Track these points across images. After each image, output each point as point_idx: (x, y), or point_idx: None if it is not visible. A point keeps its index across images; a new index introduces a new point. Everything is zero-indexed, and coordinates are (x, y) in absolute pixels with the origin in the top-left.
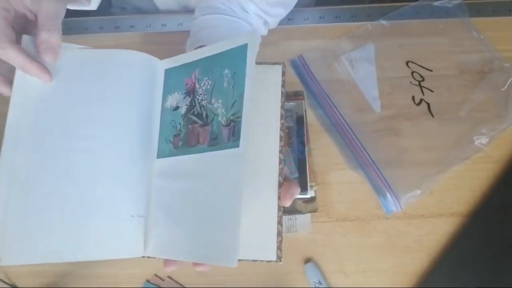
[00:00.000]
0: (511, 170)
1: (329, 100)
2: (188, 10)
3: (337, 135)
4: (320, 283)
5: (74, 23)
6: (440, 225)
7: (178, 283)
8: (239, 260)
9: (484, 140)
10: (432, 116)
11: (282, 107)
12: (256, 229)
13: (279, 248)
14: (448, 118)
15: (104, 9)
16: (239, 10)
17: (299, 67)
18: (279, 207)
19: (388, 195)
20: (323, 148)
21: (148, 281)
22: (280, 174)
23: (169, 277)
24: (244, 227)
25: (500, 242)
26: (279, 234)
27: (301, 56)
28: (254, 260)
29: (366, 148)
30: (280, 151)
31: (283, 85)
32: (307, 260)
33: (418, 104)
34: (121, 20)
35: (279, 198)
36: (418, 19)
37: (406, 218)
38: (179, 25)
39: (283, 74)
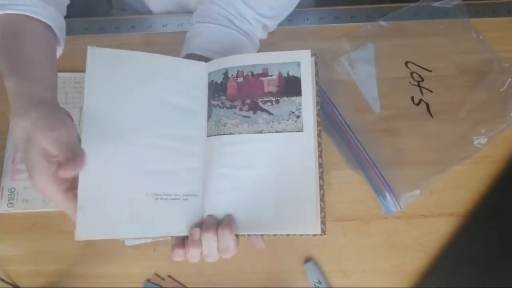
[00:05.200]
0: (510, 170)
1: (328, 100)
2: (186, 11)
3: (336, 135)
4: (320, 282)
5: (75, 24)
6: (439, 225)
7: (178, 282)
8: (287, 235)
9: (483, 140)
10: (431, 116)
11: (317, 94)
12: (301, 207)
13: (322, 222)
14: (447, 119)
15: (104, 10)
16: (236, 16)
17: None
18: (320, 186)
19: (388, 195)
20: (322, 148)
21: (148, 280)
22: (319, 156)
23: (169, 276)
24: (290, 205)
25: (498, 242)
26: (322, 210)
27: None
28: (301, 235)
29: (366, 148)
30: (318, 135)
31: (316, 74)
32: (307, 260)
33: (417, 104)
34: (121, 20)
35: (320, 178)
36: (418, 20)
37: (406, 218)
38: (179, 25)
39: (316, 64)
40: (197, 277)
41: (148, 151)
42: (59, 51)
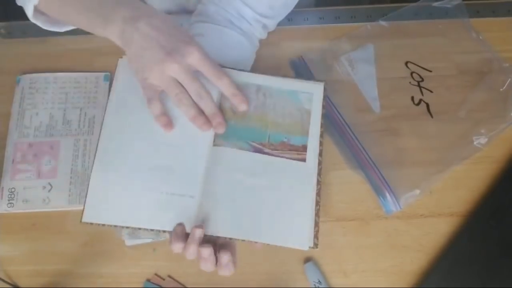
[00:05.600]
0: (510, 170)
1: (328, 100)
2: (186, 11)
3: (336, 135)
4: (320, 282)
5: None
6: (439, 225)
7: (178, 282)
8: (281, 246)
9: (483, 140)
10: (431, 116)
11: (322, 116)
12: (297, 222)
13: (316, 236)
14: (447, 118)
15: None
16: (236, 16)
17: (299, 67)
18: (317, 202)
19: (388, 195)
20: (322, 148)
21: (148, 280)
22: (318, 174)
23: (169, 276)
24: (287, 219)
25: (498, 242)
26: (316, 224)
27: (301, 56)
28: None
29: (366, 148)
30: (319, 154)
31: (323, 105)
32: (307, 260)
33: (417, 104)
34: None
35: (317, 194)
36: (418, 20)
37: (406, 218)
38: (179, 25)
39: (325, 89)
40: (197, 277)
41: (157, 147)
42: None
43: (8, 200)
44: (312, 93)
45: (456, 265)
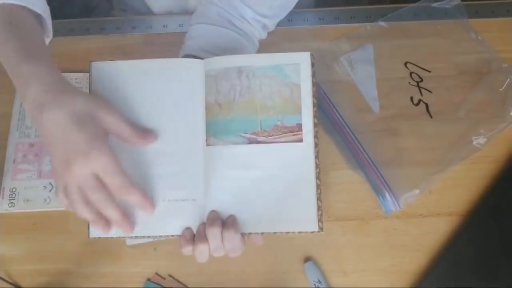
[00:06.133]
0: (509, 169)
1: (328, 100)
2: (187, 12)
3: (336, 135)
4: (319, 282)
5: (76, 24)
6: (438, 225)
7: (179, 282)
8: (287, 232)
9: (482, 140)
10: (431, 116)
11: (313, 86)
12: (300, 206)
13: (320, 220)
14: (447, 119)
15: (105, 11)
16: (236, 16)
17: None
18: (317, 185)
19: (387, 195)
20: (322, 148)
21: (149, 279)
22: (316, 157)
23: (170, 275)
24: (290, 204)
25: (498, 242)
26: (319, 208)
27: None
28: (300, 232)
29: (365, 148)
30: (315, 136)
31: (313, 75)
32: (307, 259)
33: (417, 104)
34: (122, 21)
35: (317, 178)
36: (417, 20)
37: (405, 218)
38: (179, 26)
39: (313, 65)
40: (197, 277)
41: (150, 157)
42: (47, 42)
43: (9, 200)
44: (298, 63)
45: (455, 265)
